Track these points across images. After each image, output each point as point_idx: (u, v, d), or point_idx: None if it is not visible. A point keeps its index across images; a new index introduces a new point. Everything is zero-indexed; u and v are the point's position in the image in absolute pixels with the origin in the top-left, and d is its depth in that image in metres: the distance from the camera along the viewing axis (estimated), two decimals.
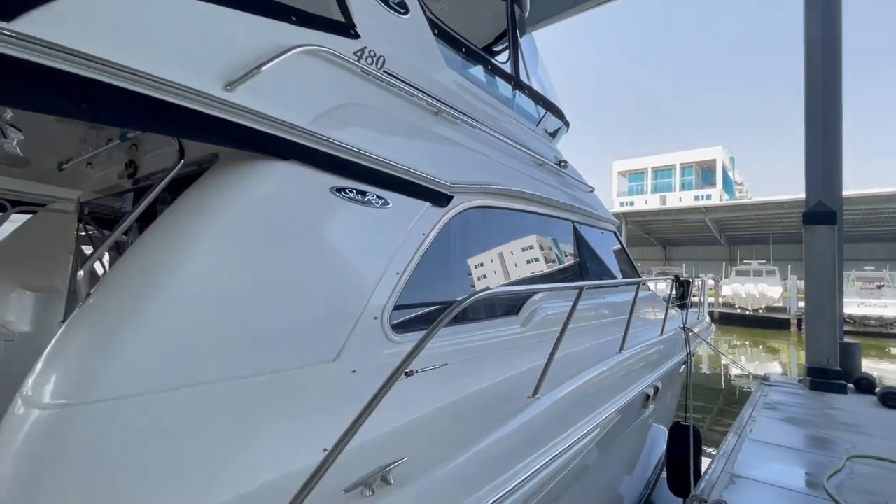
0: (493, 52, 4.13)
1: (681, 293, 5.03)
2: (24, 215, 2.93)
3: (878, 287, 22.81)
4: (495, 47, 4.18)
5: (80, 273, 1.45)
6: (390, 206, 1.88)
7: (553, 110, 4.03)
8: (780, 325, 22.34)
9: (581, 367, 2.62)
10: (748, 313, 23.95)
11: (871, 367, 11.89)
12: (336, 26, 1.84)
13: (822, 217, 6.72)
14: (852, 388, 6.31)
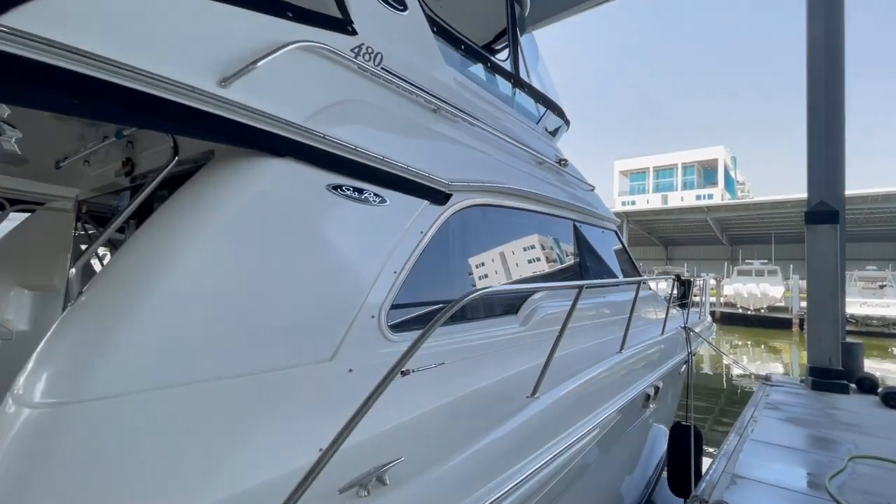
0: (493, 51, 4.10)
1: (682, 292, 5.01)
2: (23, 214, 2.93)
3: (881, 287, 22.76)
4: (495, 45, 4.15)
5: (72, 271, 1.43)
6: (388, 204, 1.87)
7: (553, 109, 4.01)
8: (782, 324, 22.31)
9: (581, 366, 2.60)
10: (750, 313, 23.92)
11: (873, 367, 11.89)
12: (333, 22, 1.83)
13: (825, 216, 6.69)
14: (854, 388, 6.28)
